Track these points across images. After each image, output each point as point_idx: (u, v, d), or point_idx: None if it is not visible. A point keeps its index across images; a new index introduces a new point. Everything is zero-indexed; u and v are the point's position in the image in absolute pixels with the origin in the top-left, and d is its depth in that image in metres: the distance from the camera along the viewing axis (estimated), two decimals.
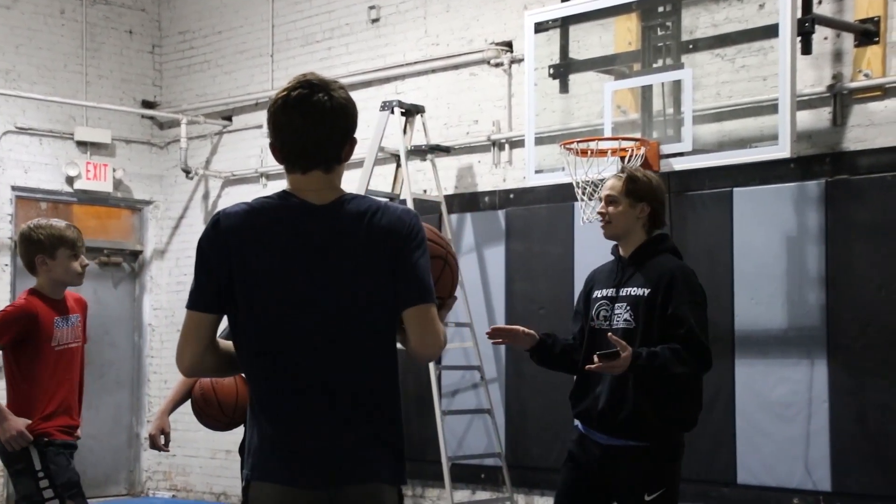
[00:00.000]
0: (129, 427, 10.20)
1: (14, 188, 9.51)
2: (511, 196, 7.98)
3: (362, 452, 2.63)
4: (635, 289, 4.13)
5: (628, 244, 4.24)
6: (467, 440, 7.97)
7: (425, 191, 8.36)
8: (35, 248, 4.55)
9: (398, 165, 8.16)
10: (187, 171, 9.96)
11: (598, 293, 4.32)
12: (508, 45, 8.08)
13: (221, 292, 2.68)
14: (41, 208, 9.82)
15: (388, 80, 8.79)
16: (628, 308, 4.12)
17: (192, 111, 10.00)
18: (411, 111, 8.15)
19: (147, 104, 10.33)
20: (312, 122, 2.64)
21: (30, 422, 4.48)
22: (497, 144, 8.15)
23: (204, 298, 2.70)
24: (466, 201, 8.24)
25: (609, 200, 4.21)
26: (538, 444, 7.67)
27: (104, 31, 10.10)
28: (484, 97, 8.23)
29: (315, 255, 2.64)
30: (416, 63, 8.61)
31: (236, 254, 2.66)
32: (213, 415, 4.25)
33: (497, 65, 8.14)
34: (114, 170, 10.00)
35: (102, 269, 10.16)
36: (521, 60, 7.81)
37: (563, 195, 7.36)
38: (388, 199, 8.28)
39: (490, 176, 8.20)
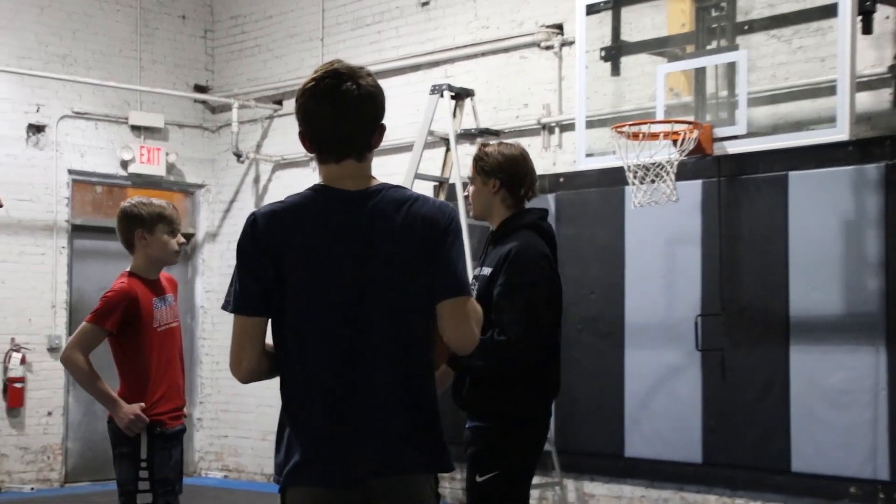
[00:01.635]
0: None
1: (71, 172, 9.64)
2: (561, 180, 7.94)
3: (399, 444, 2.63)
4: (485, 269, 3.96)
5: (493, 222, 4.06)
6: None
7: None
8: (135, 223, 4.53)
9: (447, 149, 8.14)
10: (238, 155, 10.03)
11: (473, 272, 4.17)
12: (559, 28, 8.02)
13: (268, 293, 2.65)
14: (96, 192, 9.95)
15: (437, 63, 8.77)
16: (478, 289, 3.92)
17: (243, 95, 10.06)
18: (461, 95, 8.12)
19: (199, 88, 10.41)
20: (343, 111, 2.63)
21: (143, 405, 4.43)
22: (547, 128, 8.10)
23: (251, 302, 2.66)
24: None
25: (470, 181, 4.09)
26: (587, 429, 7.64)
27: (158, 17, 10.18)
28: (534, 80, 8.18)
29: (358, 243, 2.64)
30: (465, 46, 8.58)
31: (279, 252, 2.64)
32: None
33: (547, 47, 8.08)
34: (167, 154, 10.10)
35: None
36: (571, 43, 7.75)
37: (613, 179, 7.29)
38: (436, 182, 8.27)
39: (540, 160, 8.14)
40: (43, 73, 9.28)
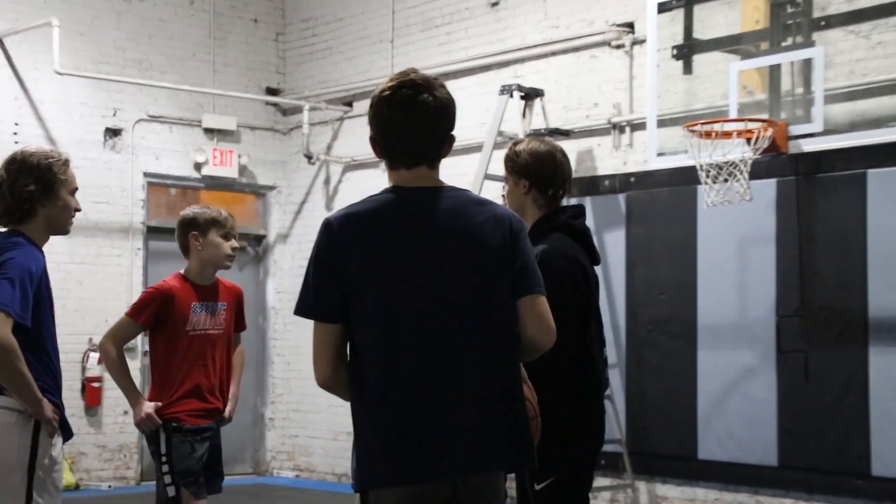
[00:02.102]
0: (254, 408, 10.43)
1: (146, 174, 9.80)
2: (632, 179, 7.87)
3: (485, 443, 2.65)
4: None
5: (528, 223, 3.90)
6: None
7: None
8: (189, 227, 4.68)
9: None
10: (309, 157, 10.12)
11: None
12: (630, 27, 7.96)
13: (344, 298, 2.66)
14: (171, 194, 10.10)
15: (507, 63, 8.76)
16: None
17: (313, 97, 10.15)
18: (530, 95, 8.11)
19: (271, 91, 10.52)
20: (418, 121, 2.69)
21: (159, 405, 4.57)
22: (618, 127, 8.04)
23: (326, 308, 2.68)
24: (586, 185, 8.15)
25: (504, 180, 4.01)
26: (659, 431, 7.57)
27: (231, 20, 10.32)
28: (604, 79, 8.13)
29: (439, 241, 2.66)
30: (535, 46, 8.56)
31: (356, 256, 2.65)
32: None
33: (618, 46, 8.03)
34: (239, 156, 10.23)
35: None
36: (642, 41, 7.69)
37: (685, 178, 7.22)
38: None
39: (610, 159, 8.10)
40: (120, 78, 9.45)
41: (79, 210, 3.83)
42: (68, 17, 9.19)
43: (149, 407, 4.54)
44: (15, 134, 8.98)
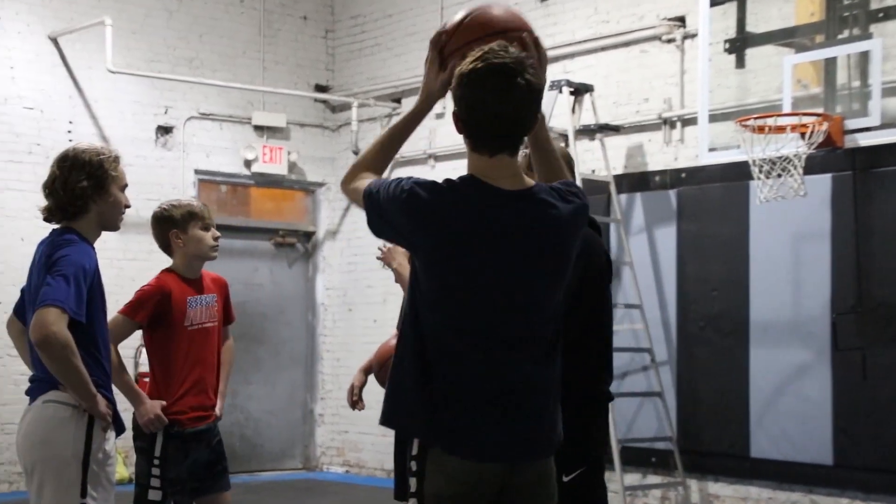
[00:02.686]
0: (303, 403, 10.48)
1: (197, 171, 9.88)
2: (683, 175, 7.80)
3: (543, 433, 2.71)
4: None
5: None
6: (637, 423, 7.86)
7: (594, 170, 8.27)
8: (168, 225, 4.58)
9: (566, 145, 8.08)
10: (358, 153, 10.13)
11: None
12: (681, 21, 7.89)
13: (412, 247, 2.71)
14: (221, 191, 10.18)
15: (556, 59, 8.71)
16: None
17: (362, 94, 10.17)
18: (580, 90, 8.06)
19: (320, 88, 10.56)
20: (508, 103, 2.59)
21: (164, 403, 4.48)
22: (668, 122, 7.97)
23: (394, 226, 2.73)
24: (636, 181, 8.09)
25: None
26: (711, 429, 7.50)
27: (280, 18, 10.37)
28: (655, 74, 8.06)
29: (517, 245, 2.63)
30: (585, 41, 8.50)
31: (433, 229, 2.63)
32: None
33: (669, 41, 7.95)
34: (288, 153, 10.28)
35: (277, 249, 10.45)
36: (694, 35, 7.61)
37: (738, 173, 7.15)
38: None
39: (661, 155, 8.03)
40: (171, 76, 9.54)
41: (128, 206, 3.85)
42: (121, 16, 9.29)
43: (156, 406, 4.46)
44: (69, 132, 9.09)
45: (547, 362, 2.70)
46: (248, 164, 10.12)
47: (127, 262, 9.34)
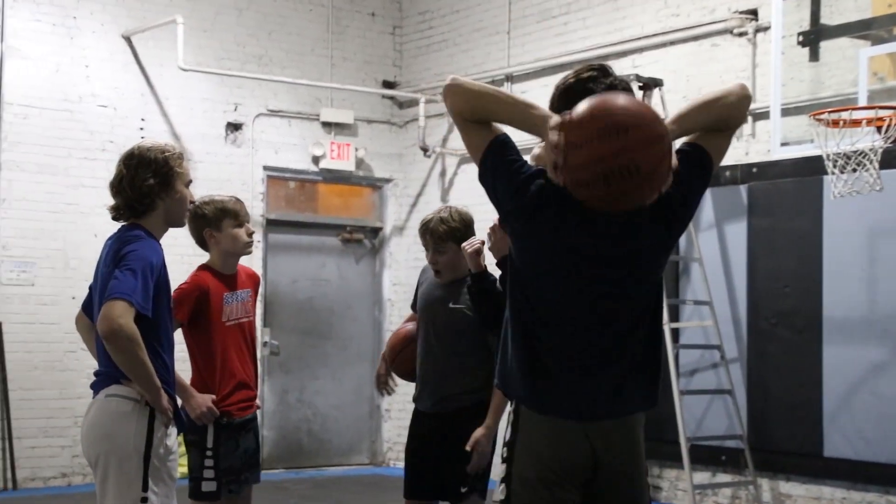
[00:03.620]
0: (370, 399, 10.53)
1: (265, 168, 9.98)
2: (754, 170, 7.68)
3: (626, 393, 2.89)
4: None
5: None
6: (707, 421, 7.76)
7: None
8: (202, 223, 4.64)
9: None
10: (425, 150, 10.16)
11: None
12: (753, 13, 7.76)
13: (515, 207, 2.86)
14: (289, 187, 10.26)
15: (624, 53, 8.64)
16: None
17: (430, 90, 10.18)
18: (649, 85, 7.97)
19: (387, 84, 10.59)
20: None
21: (214, 398, 4.55)
22: None
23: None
24: None
25: None
26: (782, 427, 7.38)
27: (349, 15, 10.42)
28: (726, 68, 7.95)
29: (604, 252, 2.83)
30: (654, 35, 8.42)
31: (548, 213, 2.80)
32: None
33: (741, 34, 7.84)
34: (356, 149, 10.33)
35: (345, 245, 10.51)
36: (766, 28, 7.49)
37: (811, 168, 7.02)
38: None
39: (731, 150, 7.82)
40: (240, 74, 9.64)
41: (193, 202, 3.90)
42: (192, 14, 9.41)
43: (207, 399, 4.52)
44: (141, 129, 9.23)
45: (635, 328, 2.88)
46: (315, 160, 10.18)
47: (198, 259, 9.33)
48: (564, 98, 2.86)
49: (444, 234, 4.62)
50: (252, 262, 9.78)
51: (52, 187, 8.75)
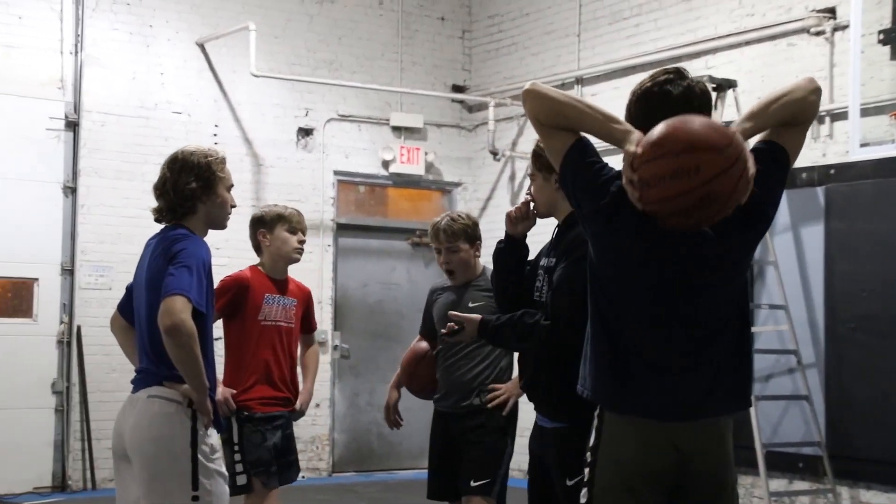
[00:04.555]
0: None
1: (336, 172, 10.04)
2: (831, 172, 7.54)
3: (713, 395, 2.85)
4: (551, 259, 3.79)
5: (559, 215, 3.84)
6: (783, 427, 7.63)
7: None
8: (258, 225, 4.90)
9: None
10: (494, 153, 10.14)
11: (541, 262, 3.93)
12: (831, 12, 7.62)
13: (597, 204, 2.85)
14: (359, 192, 10.32)
15: (697, 54, 8.54)
16: (544, 279, 3.78)
17: (499, 94, 10.16)
18: (722, 86, 7.87)
19: (457, 88, 10.60)
20: (690, 105, 2.83)
21: (233, 391, 4.70)
22: (817, 117, 7.70)
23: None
24: None
25: (530, 179, 3.89)
26: (862, 434, 7.22)
27: (418, 19, 10.45)
28: (802, 68, 7.81)
29: (688, 255, 2.82)
30: (728, 36, 8.31)
31: (628, 214, 2.80)
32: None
33: (818, 33, 7.70)
34: (425, 153, 10.35)
35: (414, 249, 10.53)
36: (845, 27, 7.36)
37: (891, 169, 6.88)
38: None
39: (808, 151, 7.77)
40: (311, 79, 9.72)
41: (234, 206, 3.96)
42: (264, 21, 9.50)
43: (225, 392, 4.66)
44: (214, 135, 9.35)
45: (722, 328, 2.85)
46: (385, 164, 10.22)
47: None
48: (643, 103, 2.86)
49: (458, 231, 4.70)
50: (322, 265, 9.86)
51: (128, 193, 8.90)
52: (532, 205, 3.86)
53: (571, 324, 3.54)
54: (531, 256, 3.96)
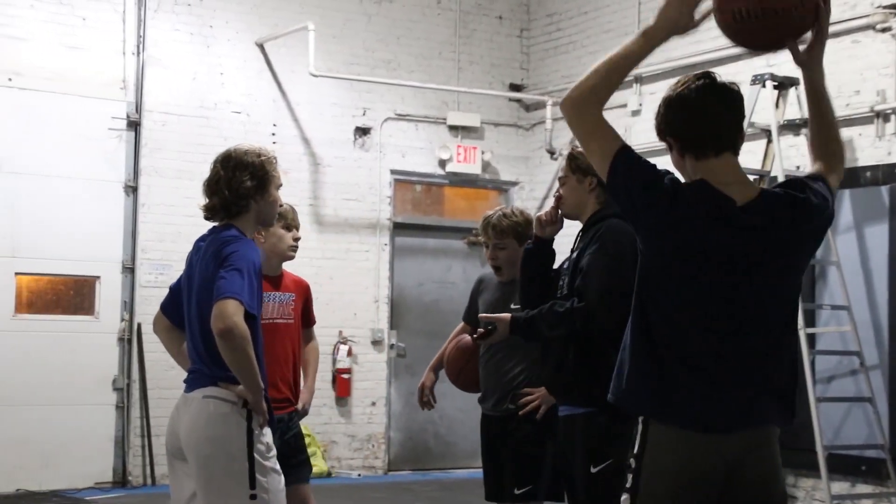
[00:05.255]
0: None
1: (393, 172, 10.06)
2: None
3: (760, 405, 2.79)
4: (573, 255, 3.99)
5: (584, 217, 4.05)
6: (845, 429, 7.50)
7: (798, 167, 7.94)
8: None
9: (769, 141, 7.81)
10: (552, 152, 10.10)
11: (564, 265, 4.10)
12: None
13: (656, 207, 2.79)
14: (416, 191, 10.33)
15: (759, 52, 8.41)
16: (566, 279, 3.97)
17: (557, 92, 10.11)
18: (784, 84, 7.77)
19: (514, 87, 10.57)
20: (727, 104, 2.84)
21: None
22: (881, 116, 7.57)
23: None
24: (845, 177, 7.62)
25: (560, 182, 4.08)
26: None
27: (476, 18, 10.44)
28: (867, 65, 7.68)
29: (740, 257, 2.77)
30: None
31: (680, 224, 2.76)
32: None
33: (884, 30, 7.57)
34: (482, 152, 10.33)
35: (470, 248, 10.51)
36: None
37: None
38: (756, 176, 7.93)
39: (872, 150, 7.64)
40: (369, 78, 9.75)
41: (282, 206, 3.96)
42: (323, 21, 9.56)
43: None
44: (273, 135, 9.42)
45: (772, 336, 2.80)
46: (442, 163, 10.23)
47: (325, 261, 9.61)
48: (679, 108, 2.84)
49: (507, 228, 4.68)
50: (379, 265, 9.90)
51: (188, 192, 8.98)
52: (560, 209, 4.01)
53: (604, 303, 3.71)
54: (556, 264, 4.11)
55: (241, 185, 3.80)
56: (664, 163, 2.85)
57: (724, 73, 2.88)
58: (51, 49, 8.68)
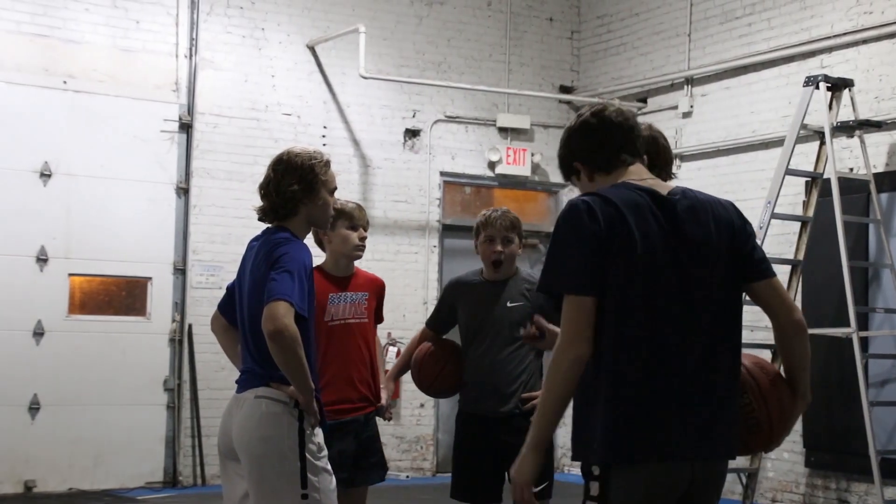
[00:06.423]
0: None
1: (442, 174, 10.07)
2: None
3: (727, 430, 2.82)
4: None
5: None
6: None
7: (851, 169, 7.84)
8: None
9: (822, 143, 7.70)
10: None
11: None
12: None
13: (602, 272, 2.74)
14: (465, 193, 10.33)
15: (812, 53, 8.32)
16: None
17: (607, 94, 10.05)
18: (838, 85, 7.66)
19: (564, 89, 10.53)
20: (626, 119, 3.01)
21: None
22: None
23: (587, 280, 2.73)
24: None
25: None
26: None
27: (527, 20, 10.41)
28: None
29: (681, 246, 2.80)
30: (844, 34, 8.07)
31: (617, 240, 2.75)
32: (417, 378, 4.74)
33: None
34: (532, 154, 10.30)
35: (523, 252, 10.48)
36: None
37: None
38: (809, 178, 7.81)
39: None
40: (419, 80, 9.77)
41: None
42: (374, 23, 9.59)
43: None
44: (323, 136, 9.47)
45: (727, 362, 2.82)
46: (492, 165, 10.22)
47: (375, 263, 9.61)
48: (585, 133, 2.97)
49: (514, 222, 4.79)
50: (428, 266, 9.90)
51: (239, 193, 9.07)
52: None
53: None
54: None
55: (288, 189, 3.81)
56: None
57: (776, 74, 2.87)
58: (105, 52, 8.80)
